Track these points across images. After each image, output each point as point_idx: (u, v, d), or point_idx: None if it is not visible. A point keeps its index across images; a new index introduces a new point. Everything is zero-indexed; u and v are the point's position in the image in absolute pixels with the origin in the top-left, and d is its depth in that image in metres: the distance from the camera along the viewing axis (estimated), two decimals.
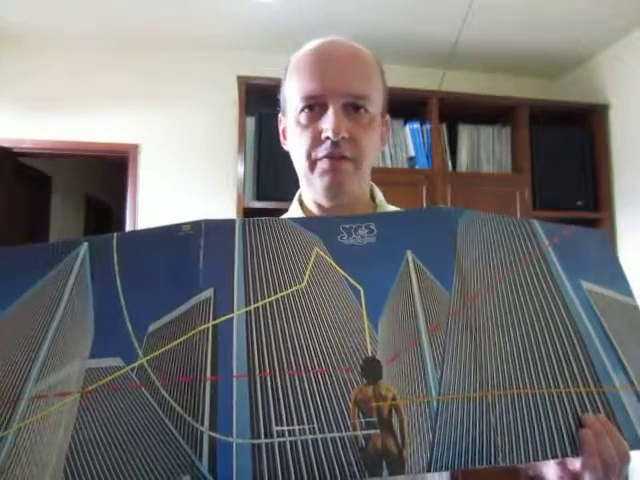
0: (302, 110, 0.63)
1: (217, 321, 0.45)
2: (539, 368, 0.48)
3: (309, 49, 0.65)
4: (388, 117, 0.72)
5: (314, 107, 0.63)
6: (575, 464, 0.47)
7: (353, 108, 0.63)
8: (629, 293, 0.57)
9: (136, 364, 0.44)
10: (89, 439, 0.41)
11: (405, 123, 2.57)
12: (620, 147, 2.72)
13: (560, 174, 2.65)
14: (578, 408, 0.47)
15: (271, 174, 2.27)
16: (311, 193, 0.68)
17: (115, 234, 0.50)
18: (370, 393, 0.43)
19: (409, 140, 2.56)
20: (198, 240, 0.48)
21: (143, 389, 0.43)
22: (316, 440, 0.41)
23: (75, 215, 4.66)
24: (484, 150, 2.69)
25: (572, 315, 0.52)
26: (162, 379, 0.43)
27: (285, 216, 0.70)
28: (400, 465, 0.41)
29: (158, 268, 0.47)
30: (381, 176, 2.36)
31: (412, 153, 2.56)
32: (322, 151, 0.62)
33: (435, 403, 0.44)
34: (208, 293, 0.46)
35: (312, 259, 0.48)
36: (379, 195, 0.73)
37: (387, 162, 2.54)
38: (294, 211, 0.72)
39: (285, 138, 0.71)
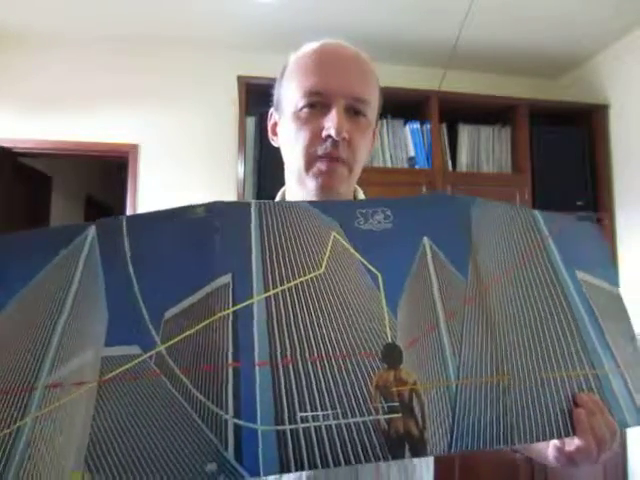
0: (303, 107, 0.63)
1: (237, 307, 0.43)
2: (545, 354, 0.50)
3: (312, 48, 0.66)
4: (378, 125, 0.73)
5: (316, 105, 0.63)
6: (570, 444, 0.51)
7: (353, 112, 0.63)
8: (615, 282, 0.60)
9: (154, 352, 0.42)
10: (110, 428, 0.40)
11: (405, 123, 2.57)
12: (620, 147, 2.72)
13: (560, 174, 2.65)
14: (576, 390, 0.50)
15: (271, 174, 2.27)
16: (301, 192, 0.67)
17: (124, 216, 0.48)
18: (391, 378, 0.44)
19: (409, 140, 2.56)
20: (213, 222, 0.45)
21: (163, 377, 0.42)
22: (340, 425, 0.41)
23: (75, 215, 4.65)
24: (484, 150, 2.69)
25: (570, 304, 0.55)
26: (182, 367, 0.42)
27: None
28: (422, 447, 0.42)
29: (172, 252, 0.45)
30: (381, 176, 2.42)
31: (412, 153, 2.56)
32: (321, 150, 0.62)
33: (454, 387, 0.45)
34: (226, 278, 0.44)
35: (330, 244, 0.47)
36: (360, 195, 0.74)
37: (387, 162, 2.54)
38: None
39: (275, 134, 0.72)
